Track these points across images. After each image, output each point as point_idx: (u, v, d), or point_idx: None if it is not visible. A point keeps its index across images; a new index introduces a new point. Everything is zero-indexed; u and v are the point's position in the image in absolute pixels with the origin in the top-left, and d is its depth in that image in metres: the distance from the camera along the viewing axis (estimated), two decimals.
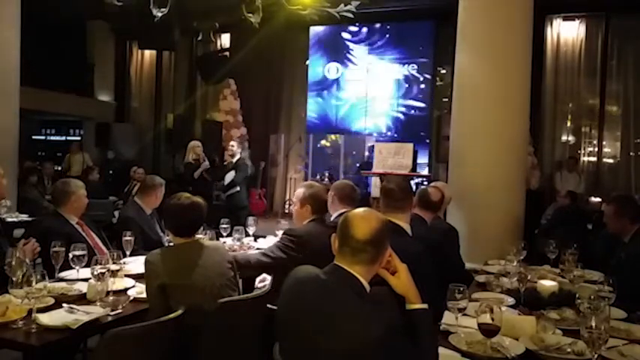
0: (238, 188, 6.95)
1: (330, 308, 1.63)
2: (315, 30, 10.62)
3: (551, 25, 9.21)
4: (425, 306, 1.73)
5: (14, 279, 2.20)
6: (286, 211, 10.28)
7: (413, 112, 10.19)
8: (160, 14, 4.73)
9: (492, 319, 1.87)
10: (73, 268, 2.73)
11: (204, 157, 7.40)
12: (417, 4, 9.42)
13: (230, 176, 6.93)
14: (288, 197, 10.69)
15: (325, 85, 10.81)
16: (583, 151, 9.22)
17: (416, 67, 10.14)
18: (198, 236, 2.64)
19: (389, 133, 10.04)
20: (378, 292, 1.70)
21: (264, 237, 4.16)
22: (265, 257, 3.01)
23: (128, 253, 3.16)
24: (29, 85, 7.35)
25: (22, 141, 6.71)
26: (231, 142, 7.39)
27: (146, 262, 2.43)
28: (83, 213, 3.48)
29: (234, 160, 7.04)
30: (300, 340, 1.67)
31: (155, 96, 11.99)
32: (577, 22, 9.12)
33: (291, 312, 1.73)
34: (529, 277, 2.70)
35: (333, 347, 1.57)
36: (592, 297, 2.11)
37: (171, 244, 2.65)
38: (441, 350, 1.82)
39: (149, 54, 12.09)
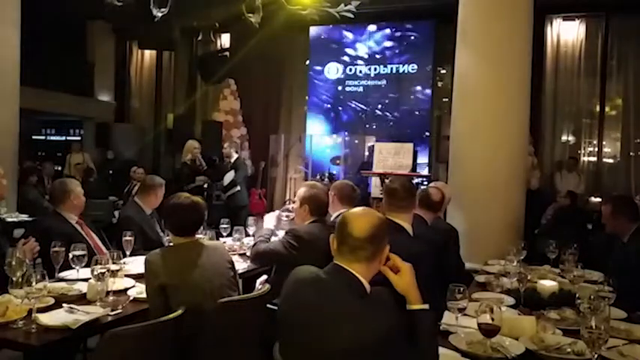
0: (239, 188, 6.97)
1: (330, 307, 1.63)
2: (315, 30, 10.62)
3: (551, 25, 9.20)
4: (425, 306, 1.73)
5: (14, 279, 2.21)
6: None
7: (413, 112, 10.19)
8: (160, 14, 4.72)
9: (492, 319, 1.87)
10: (73, 268, 2.73)
11: (200, 158, 7.40)
12: (417, 4, 9.42)
13: (230, 176, 6.94)
14: (288, 197, 10.68)
15: (325, 84, 10.81)
16: (583, 151, 9.22)
17: (416, 67, 10.14)
18: (198, 236, 2.65)
19: (389, 133, 10.03)
20: (378, 292, 1.70)
21: None
22: (269, 250, 3.06)
23: (128, 253, 3.16)
24: (29, 85, 7.34)
25: (22, 141, 6.70)
26: (225, 144, 7.42)
27: (146, 262, 2.43)
28: (83, 213, 3.48)
29: (232, 160, 7.07)
30: (300, 339, 1.67)
31: (155, 96, 11.99)
32: (577, 22, 9.11)
33: (291, 311, 1.73)
34: (529, 277, 2.70)
35: (333, 347, 1.57)
36: (592, 297, 2.11)
37: (171, 244, 2.65)
38: (441, 350, 1.82)
39: (149, 54, 12.09)
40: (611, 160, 9.11)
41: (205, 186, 7.46)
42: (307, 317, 1.65)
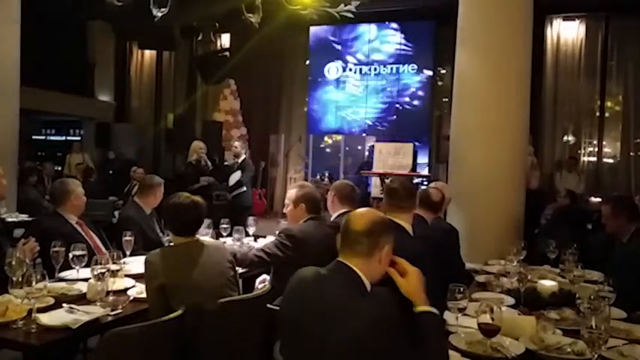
0: (245, 188, 6.96)
1: (330, 302, 1.64)
2: (315, 30, 10.62)
3: (551, 25, 9.21)
4: (432, 309, 1.72)
5: (14, 279, 2.20)
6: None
7: (413, 112, 10.19)
8: (160, 14, 4.71)
9: (492, 319, 1.87)
10: (73, 268, 2.73)
11: (205, 159, 7.39)
12: (417, 4, 9.43)
13: (236, 176, 6.92)
14: None
15: (325, 85, 10.81)
16: (583, 151, 9.22)
17: (416, 67, 10.15)
18: (198, 236, 2.64)
19: (389, 133, 10.04)
20: (378, 290, 1.71)
21: (264, 237, 4.16)
22: (264, 254, 3.03)
23: (128, 253, 3.16)
24: (29, 85, 7.34)
25: (22, 141, 6.70)
26: (235, 143, 7.37)
27: (146, 262, 2.43)
28: (83, 213, 3.48)
29: (240, 160, 7.05)
30: (300, 334, 1.68)
31: (155, 96, 11.99)
32: (577, 22, 9.12)
33: (292, 308, 1.75)
34: (529, 277, 2.70)
35: (332, 341, 1.57)
36: (592, 297, 2.11)
37: (172, 243, 2.65)
38: None
39: (149, 54, 12.09)
40: (611, 160, 9.11)
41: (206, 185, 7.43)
42: (307, 312, 1.67)
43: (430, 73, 10.06)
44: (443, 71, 10.11)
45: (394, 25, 10.28)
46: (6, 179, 3.40)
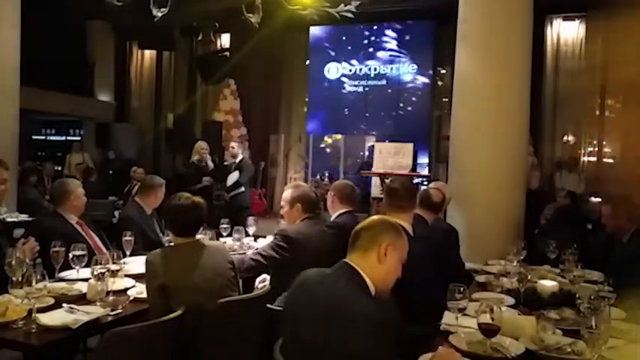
0: (243, 188, 6.96)
1: (332, 303, 1.65)
2: (315, 30, 10.63)
3: (551, 25, 9.21)
4: None
5: (14, 279, 2.21)
6: None
7: (413, 112, 10.19)
8: (160, 14, 4.71)
9: (492, 319, 1.87)
10: (73, 268, 2.73)
11: (207, 159, 7.38)
12: (417, 4, 9.42)
13: (234, 177, 6.92)
14: None
15: (325, 85, 10.81)
16: (583, 151, 9.21)
17: (416, 67, 10.14)
18: (198, 236, 2.64)
19: (389, 133, 10.05)
20: (381, 295, 1.72)
21: (264, 237, 4.15)
22: (260, 258, 3.03)
23: (128, 253, 3.16)
24: (29, 85, 7.34)
25: (22, 141, 6.70)
26: (232, 144, 7.38)
27: (146, 262, 2.43)
28: (83, 213, 3.48)
29: (237, 160, 7.05)
30: (301, 334, 1.69)
31: (155, 96, 11.98)
32: (577, 22, 9.12)
33: (294, 308, 1.76)
34: (529, 277, 2.70)
35: (332, 341, 1.58)
36: (592, 297, 2.11)
37: (172, 244, 2.65)
38: None
39: (149, 54, 12.09)
40: (611, 160, 9.10)
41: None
42: (309, 313, 1.68)
43: (430, 73, 10.06)
44: (443, 71, 10.11)
45: (394, 25, 10.28)
46: (6, 184, 3.38)
